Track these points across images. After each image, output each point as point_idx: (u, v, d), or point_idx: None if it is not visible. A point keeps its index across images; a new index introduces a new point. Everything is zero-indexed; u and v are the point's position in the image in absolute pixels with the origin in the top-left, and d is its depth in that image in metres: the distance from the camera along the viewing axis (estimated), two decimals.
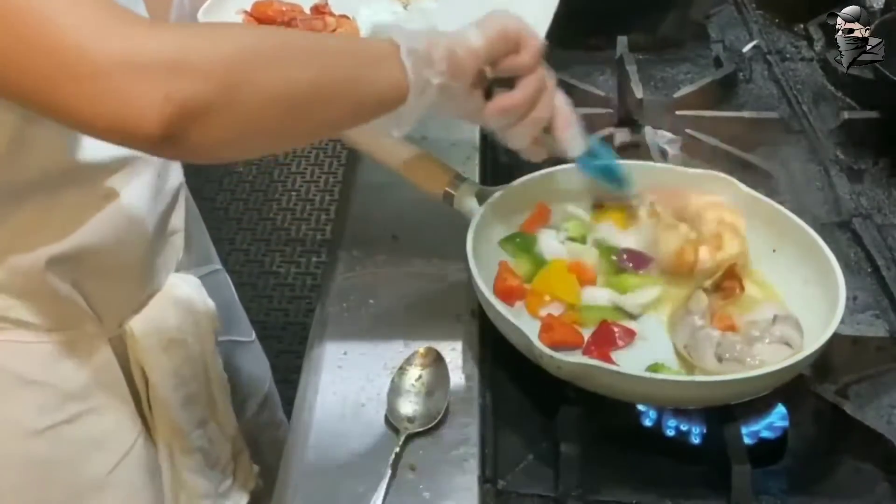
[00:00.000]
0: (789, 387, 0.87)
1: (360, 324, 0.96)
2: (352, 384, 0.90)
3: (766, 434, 0.88)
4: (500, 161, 1.16)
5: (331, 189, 2.93)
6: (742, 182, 1.04)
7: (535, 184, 1.03)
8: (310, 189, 2.97)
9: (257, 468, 1.14)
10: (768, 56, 1.41)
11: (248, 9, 1.07)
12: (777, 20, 1.51)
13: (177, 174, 1.00)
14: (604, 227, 1.02)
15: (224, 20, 1.05)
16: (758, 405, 0.88)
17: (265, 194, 2.93)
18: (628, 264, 0.98)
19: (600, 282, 0.98)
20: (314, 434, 0.86)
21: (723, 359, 0.87)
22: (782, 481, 0.86)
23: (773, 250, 1.00)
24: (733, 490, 0.81)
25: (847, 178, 1.17)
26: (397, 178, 1.02)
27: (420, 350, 0.91)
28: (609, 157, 1.01)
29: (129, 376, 0.98)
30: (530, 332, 0.86)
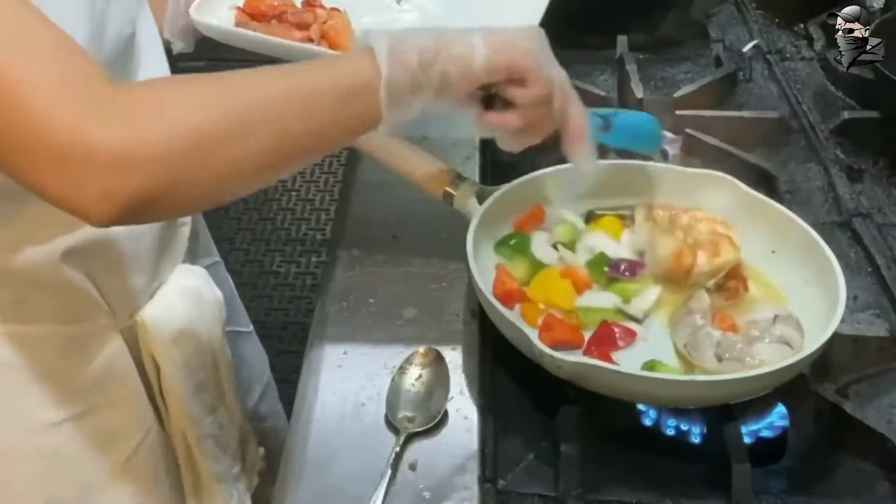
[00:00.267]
0: (789, 386, 0.87)
1: (360, 323, 0.96)
2: (352, 384, 0.90)
3: (766, 433, 0.88)
4: (500, 161, 1.16)
5: (331, 189, 2.93)
6: (742, 182, 1.04)
7: (535, 183, 1.03)
8: (310, 189, 2.97)
9: (262, 450, 1.15)
10: (768, 56, 1.41)
11: (240, 4, 1.07)
12: (777, 20, 1.51)
13: None
14: (595, 236, 1.01)
15: (217, 16, 1.05)
16: (758, 404, 0.88)
17: (265, 194, 2.93)
18: (624, 274, 0.97)
19: (599, 286, 0.98)
20: (314, 433, 0.86)
21: (722, 358, 0.87)
22: (782, 481, 0.86)
23: (773, 251, 1.00)
24: (733, 489, 0.81)
25: (847, 177, 1.17)
26: (397, 178, 1.02)
27: (420, 350, 0.91)
28: (624, 118, 0.99)
29: (140, 367, 0.98)
30: (530, 331, 0.86)
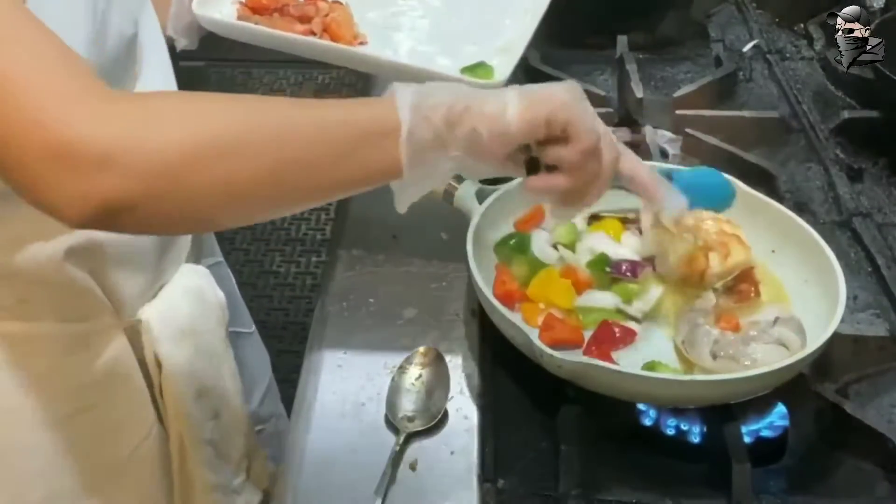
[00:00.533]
0: (789, 386, 0.87)
1: (361, 323, 0.96)
2: (352, 383, 0.90)
3: (766, 433, 0.88)
4: None
5: None
6: (742, 181, 1.04)
7: None
8: None
9: (272, 468, 1.13)
10: (768, 55, 1.41)
11: None
12: (777, 19, 1.51)
13: None
14: (596, 236, 1.01)
15: (220, 10, 1.05)
16: (758, 404, 0.88)
17: None
18: (626, 274, 0.97)
19: (600, 286, 0.97)
20: (314, 433, 0.86)
21: (717, 356, 0.88)
22: (782, 480, 0.86)
23: (773, 250, 1.00)
24: (734, 489, 0.81)
25: (847, 177, 1.17)
26: None
27: (420, 349, 0.91)
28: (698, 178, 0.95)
29: (143, 367, 0.98)
30: (530, 331, 0.86)
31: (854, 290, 1.00)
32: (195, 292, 1.01)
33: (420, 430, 0.85)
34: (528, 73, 1.24)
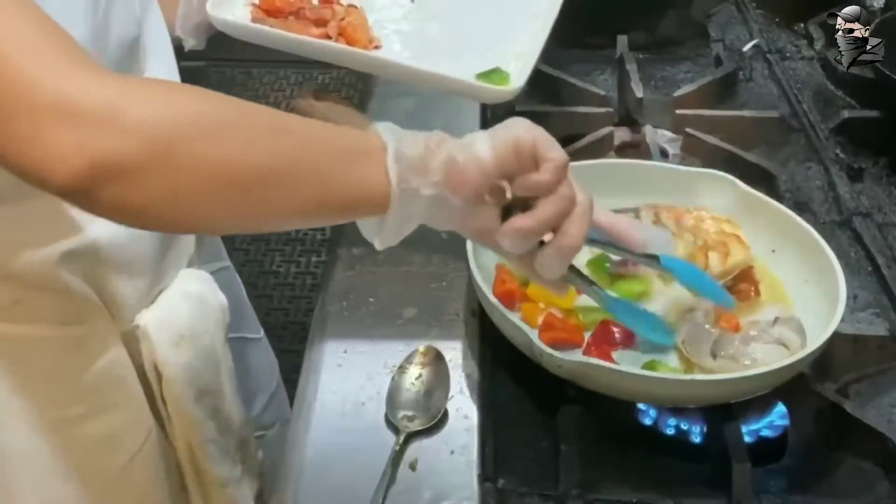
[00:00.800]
0: (790, 385, 0.87)
1: (360, 322, 0.96)
2: (352, 383, 0.90)
3: (766, 433, 0.88)
4: None
5: None
6: (742, 181, 1.04)
7: None
8: None
9: (261, 454, 1.14)
10: (768, 55, 1.41)
11: (256, 1, 1.07)
12: (777, 19, 1.51)
13: None
14: None
15: (233, 12, 1.05)
16: (758, 404, 0.88)
17: None
18: (626, 268, 0.97)
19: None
20: (314, 432, 0.86)
21: (717, 356, 0.88)
22: (783, 480, 0.86)
23: (773, 250, 1.00)
24: (734, 488, 0.81)
25: (847, 176, 1.17)
26: None
27: (420, 349, 0.91)
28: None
29: (141, 371, 0.98)
30: (530, 331, 0.86)
31: (854, 290, 1.00)
32: (195, 297, 1.00)
33: (420, 429, 0.85)
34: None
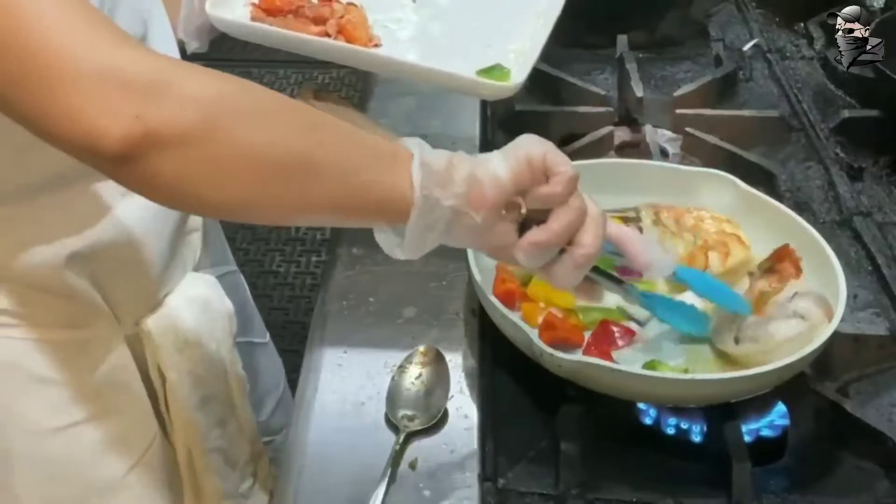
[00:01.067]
0: (790, 385, 0.87)
1: (361, 322, 0.96)
2: (352, 382, 0.90)
3: (766, 432, 0.88)
4: None
5: None
6: (742, 180, 1.04)
7: None
8: None
9: (276, 470, 1.13)
10: (768, 54, 1.41)
11: (255, 0, 1.07)
12: (777, 19, 1.51)
13: None
14: None
15: (232, 12, 1.05)
16: (758, 403, 0.88)
17: None
18: (633, 275, 0.96)
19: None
20: (314, 432, 0.86)
21: (740, 340, 0.88)
22: (783, 479, 0.86)
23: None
24: (734, 488, 0.81)
25: (847, 176, 1.17)
26: None
27: (420, 348, 0.91)
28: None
29: (146, 376, 0.97)
30: (530, 330, 0.86)
31: (854, 289, 1.00)
32: (200, 302, 1.00)
33: (420, 429, 0.85)
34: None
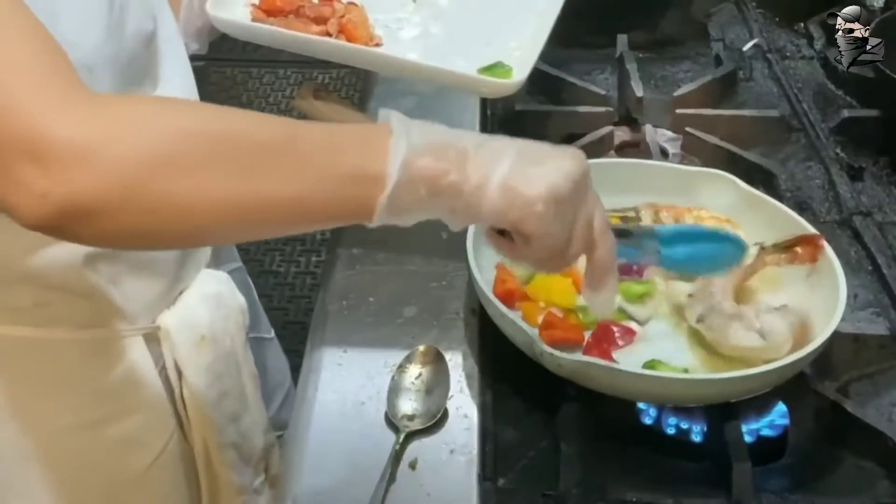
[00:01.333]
0: (790, 385, 0.87)
1: (361, 322, 0.96)
2: (352, 382, 0.90)
3: (766, 432, 0.88)
4: None
5: None
6: (742, 180, 1.04)
7: None
8: None
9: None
10: (768, 54, 1.41)
11: (255, 1, 1.07)
12: (777, 18, 1.51)
13: None
14: None
15: (233, 12, 1.05)
16: (758, 403, 0.88)
17: None
18: (632, 275, 0.97)
19: None
20: (314, 432, 0.86)
21: (702, 319, 0.90)
22: (783, 479, 0.86)
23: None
24: (734, 488, 0.81)
25: (847, 176, 1.17)
26: None
27: (420, 348, 0.91)
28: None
29: (162, 373, 0.97)
30: (531, 330, 0.86)
31: (854, 289, 1.00)
32: (214, 298, 1.00)
33: (420, 428, 0.85)
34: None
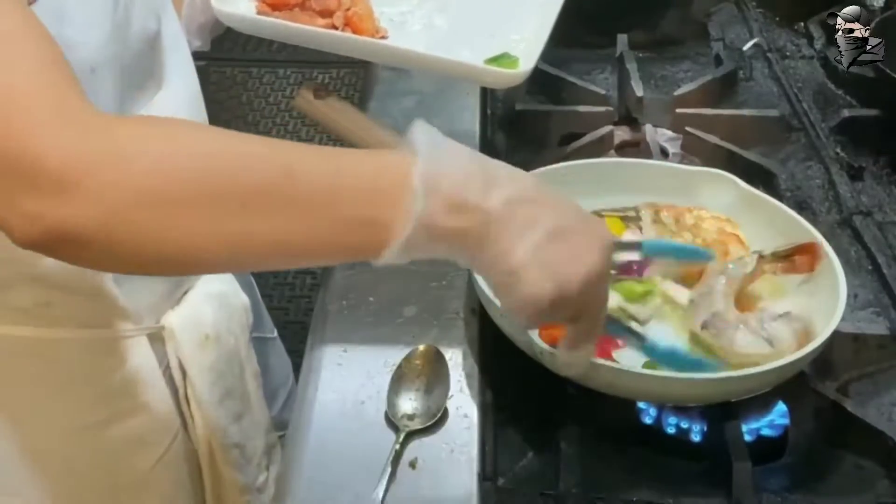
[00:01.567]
0: (790, 384, 0.87)
1: (360, 321, 0.96)
2: (352, 382, 0.90)
3: (766, 431, 0.88)
4: (501, 157, 1.15)
5: None
6: (742, 180, 1.04)
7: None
8: None
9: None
10: (768, 54, 1.41)
11: None
12: (777, 18, 1.51)
13: None
14: None
15: (237, 6, 1.04)
16: (758, 403, 0.88)
17: None
18: (633, 274, 0.97)
19: None
20: (314, 431, 0.86)
21: (706, 326, 0.89)
22: (783, 478, 0.86)
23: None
24: (734, 487, 0.81)
25: (847, 175, 1.17)
26: None
27: (420, 347, 0.91)
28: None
29: (166, 373, 0.98)
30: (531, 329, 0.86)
31: (854, 289, 1.00)
32: (218, 297, 1.00)
33: (420, 428, 0.85)
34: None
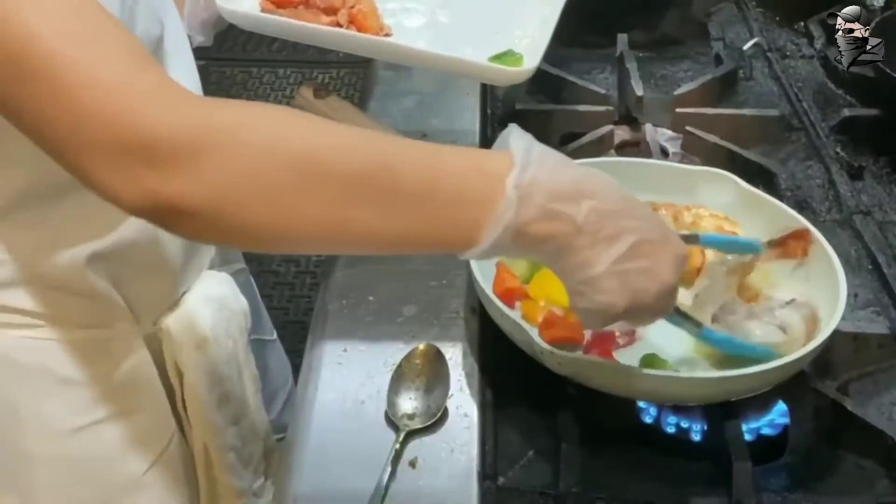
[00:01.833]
0: (790, 383, 0.87)
1: (360, 321, 0.96)
2: (352, 381, 0.90)
3: (766, 431, 0.88)
4: None
5: None
6: (742, 179, 1.04)
7: None
8: None
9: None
10: (769, 53, 1.41)
11: None
12: (777, 18, 1.51)
13: None
14: None
15: (241, 3, 1.04)
16: (758, 402, 0.88)
17: None
18: None
19: None
20: (314, 431, 0.86)
21: (716, 320, 0.89)
22: (783, 478, 0.86)
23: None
24: (734, 486, 0.81)
25: (847, 175, 1.17)
26: None
27: (420, 347, 0.91)
28: None
29: (163, 375, 0.97)
30: (531, 329, 0.86)
31: (854, 288, 1.00)
32: (217, 300, 1.00)
33: (420, 427, 0.85)
34: None
